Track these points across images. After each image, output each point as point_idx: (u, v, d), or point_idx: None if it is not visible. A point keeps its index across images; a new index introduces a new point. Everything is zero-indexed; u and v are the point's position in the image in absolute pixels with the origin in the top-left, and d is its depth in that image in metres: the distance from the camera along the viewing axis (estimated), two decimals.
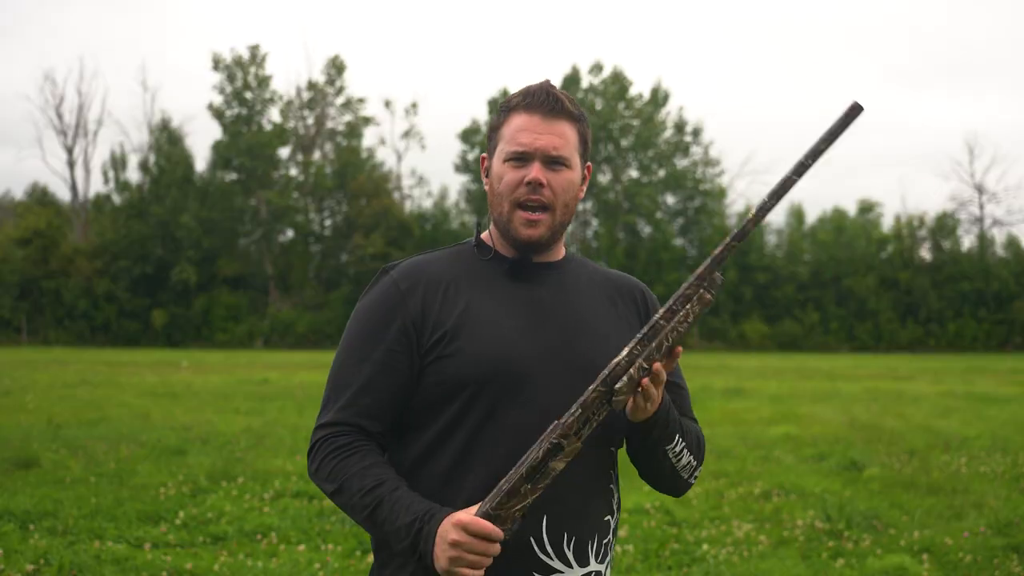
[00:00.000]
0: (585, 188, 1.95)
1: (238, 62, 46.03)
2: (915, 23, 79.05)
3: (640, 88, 54.36)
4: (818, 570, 5.62)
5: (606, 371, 1.70)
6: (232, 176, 45.67)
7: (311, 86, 47.79)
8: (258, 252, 45.74)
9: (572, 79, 46.93)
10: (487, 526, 1.65)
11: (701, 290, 1.72)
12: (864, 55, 77.82)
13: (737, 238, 1.71)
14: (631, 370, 1.70)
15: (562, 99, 1.88)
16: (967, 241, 45.63)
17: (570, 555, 1.82)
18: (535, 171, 1.84)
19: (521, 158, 1.85)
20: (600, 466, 1.87)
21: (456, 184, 71.77)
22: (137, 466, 8.47)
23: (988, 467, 9.04)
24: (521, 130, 1.86)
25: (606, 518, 1.88)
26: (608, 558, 1.90)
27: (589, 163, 1.96)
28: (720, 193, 47.42)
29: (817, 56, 78.27)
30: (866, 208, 47.22)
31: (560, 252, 1.97)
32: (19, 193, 59.35)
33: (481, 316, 1.84)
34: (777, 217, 73.60)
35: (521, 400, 1.79)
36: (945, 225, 44.84)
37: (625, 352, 1.70)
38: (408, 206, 47.83)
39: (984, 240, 45.18)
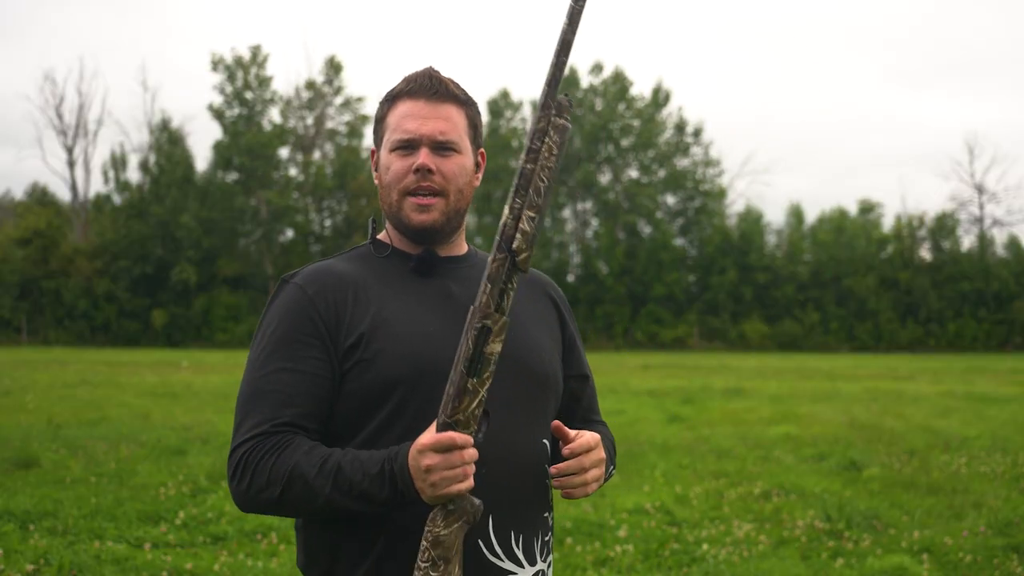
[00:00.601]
0: (481, 175, 1.87)
1: (239, 62, 46.04)
2: (915, 23, 79.12)
3: (640, 88, 54.37)
4: (818, 570, 5.62)
5: (498, 236, 1.63)
6: (232, 176, 45.69)
7: (310, 86, 47.79)
8: (258, 252, 45.76)
9: (572, 79, 46.93)
10: (452, 436, 1.57)
11: (552, 118, 1.63)
12: (864, 55, 77.89)
13: (564, 53, 1.62)
14: (521, 224, 1.62)
15: (447, 82, 1.81)
16: (967, 241, 45.69)
17: (520, 554, 1.76)
18: (423, 157, 1.76)
19: (408, 145, 1.78)
20: (537, 461, 1.80)
21: None
22: (137, 466, 8.48)
23: (988, 467, 9.04)
24: (406, 116, 1.78)
25: (545, 515, 1.84)
26: (550, 557, 1.85)
27: (482, 149, 1.88)
28: (720, 193, 47.43)
29: (817, 56, 78.33)
30: (866, 208, 47.23)
31: (463, 246, 1.90)
32: (19, 193, 59.48)
33: (397, 315, 1.76)
34: (777, 217, 73.83)
35: None
36: (945, 225, 44.85)
37: (507, 210, 1.63)
38: None
39: (984, 240, 45.19)
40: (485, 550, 1.71)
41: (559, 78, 1.63)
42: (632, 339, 43.02)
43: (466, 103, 1.83)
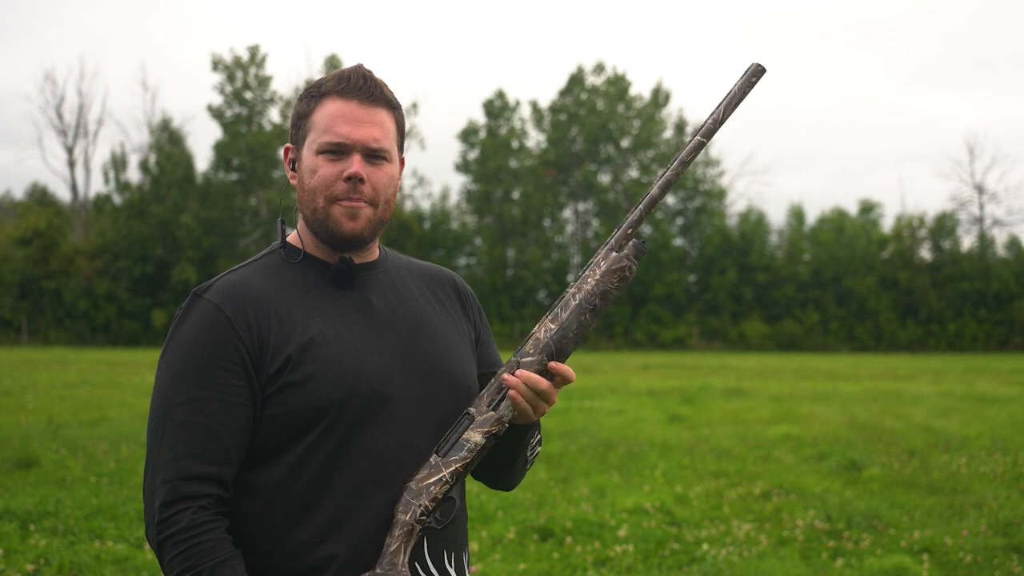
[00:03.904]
0: (400, 180, 1.83)
1: (238, 63, 46.05)
2: (916, 23, 79.14)
3: (640, 88, 54.42)
4: (818, 570, 5.62)
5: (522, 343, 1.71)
6: (232, 176, 45.70)
7: None
8: (258, 252, 45.71)
9: (577, 79, 46.95)
10: None
11: (611, 251, 1.70)
12: (864, 55, 77.89)
13: (648, 205, 1.70)
14: (537, 333, 1.70)
15: (380, 84, 1.74)
16: (967, 241, 45.64)
17: (452, 571, 1.77)
18: (356, 165, 1.69)
19: (338, 150, 1.69)
20: None
21: (456, 184, 71.59)
22: (137, 466, 8.47)
23: (988, 467, 9.04)
24: (337, 118, 1.69)
25: (466, 526, 1.86)
26: (471, 566, 1.90)
27: (403, 155, 1.82)
28: (720, 193, 47.43)
29: (817, 56, 78.31)
30: (866, 208, 47.22)
31: (376, 251, 1.85)
32: (19, 193, 59.48)
33: (323, 335, 1.69)
34: (777, 217, 73.87)
35: (379, 419, 1.70)
36: (945, 225, 44.82)
37: (538, 323, 1.69)
38: (408, 206, 47.89)
39: (984, 240, 45.16)
40: (422, 573, 1.72)
41: (639, 222, 1.70)
42: (632, 339, 43.03)
43: (396, 107, 1.77)
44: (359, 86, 1.71)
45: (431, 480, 1.67)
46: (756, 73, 1.71)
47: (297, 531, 1.67)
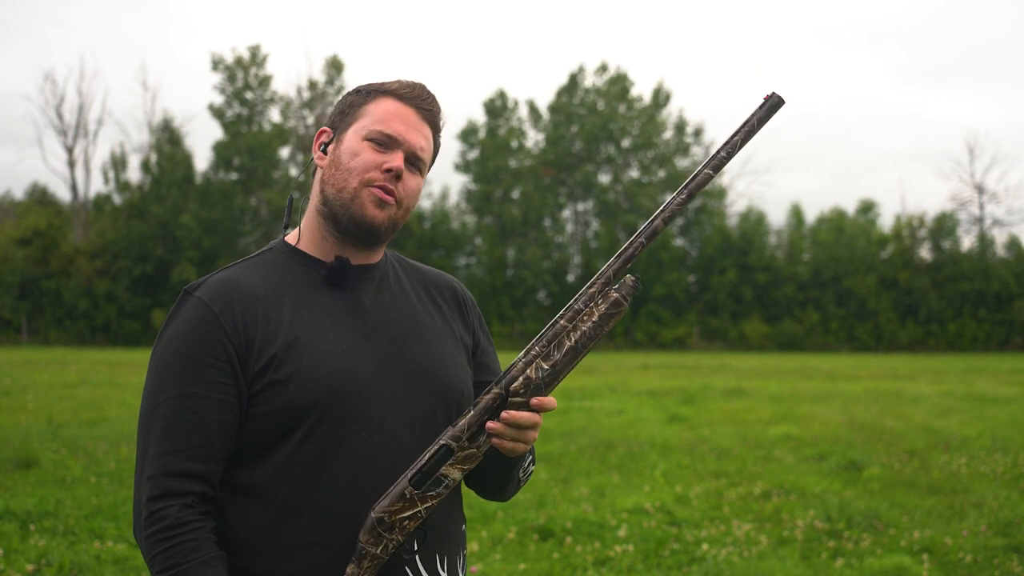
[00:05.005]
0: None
1: (238, 63, 46.04)
2: (916, 23, 79.13)
3: (641, 89, 54.39)
4: (818, 570, 5.62)
5: (502, 373, 1.64)
6: (232, 176, 45.69)
7: (312, 86, 47.79)
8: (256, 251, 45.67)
9: (577, 79, 46.92)
10: None
11: (606, 288, 1.65)
12: (864, 55, 77.88)
13: (648, 237, 1.65)
14: (529, 371, 1.63)
15: (437, 104, 1.79)
16: (967, 241, 45.63)
17: (444, 574, 1.76)
18: (399, 160, 1.72)
19: (387, 143, 1.73)
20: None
21: (456, 184, 71.56)
22: None
23: (988, 467, 9.05)
24: (394, 115, 1.74)
25: (463, 528, 1.85)
26: (467, 569, 1.86)
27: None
28: (720, 193, 47.43)
29: (817, 56, 78.32)
30: (866, 208, 47.22)
31: (379, 254, 1.83)
32: (19, 193, 59.49)
33: (311, 333, 1.69)
34: (777, 217, 73.79)
35: (365, 419, 1.69)
36: (945, 225, 44.81)
37: (523, 352, 1.64)
38: None
39: (984, 240, 45.15)
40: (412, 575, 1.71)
41: (636, 256, 1.65)
42: (632, 339, 43.02)
43: (439, 131, 1.81)
44: (422, 97, 1.77)
45: (405, 514, 1.64)
46: (775, 106, 1.66)
47: (285, 531, 1.67)
